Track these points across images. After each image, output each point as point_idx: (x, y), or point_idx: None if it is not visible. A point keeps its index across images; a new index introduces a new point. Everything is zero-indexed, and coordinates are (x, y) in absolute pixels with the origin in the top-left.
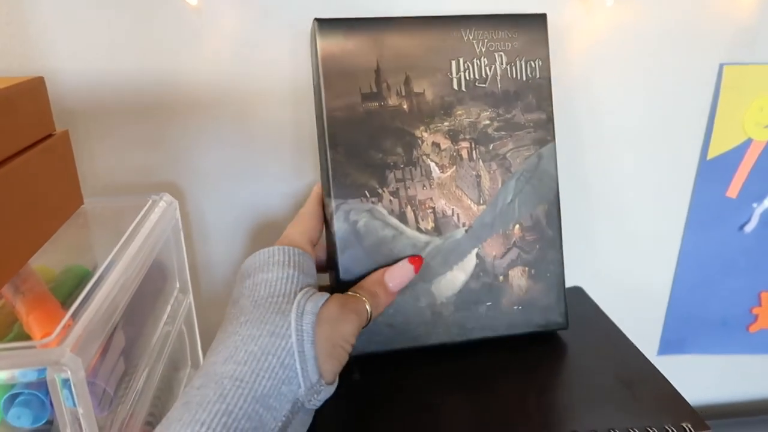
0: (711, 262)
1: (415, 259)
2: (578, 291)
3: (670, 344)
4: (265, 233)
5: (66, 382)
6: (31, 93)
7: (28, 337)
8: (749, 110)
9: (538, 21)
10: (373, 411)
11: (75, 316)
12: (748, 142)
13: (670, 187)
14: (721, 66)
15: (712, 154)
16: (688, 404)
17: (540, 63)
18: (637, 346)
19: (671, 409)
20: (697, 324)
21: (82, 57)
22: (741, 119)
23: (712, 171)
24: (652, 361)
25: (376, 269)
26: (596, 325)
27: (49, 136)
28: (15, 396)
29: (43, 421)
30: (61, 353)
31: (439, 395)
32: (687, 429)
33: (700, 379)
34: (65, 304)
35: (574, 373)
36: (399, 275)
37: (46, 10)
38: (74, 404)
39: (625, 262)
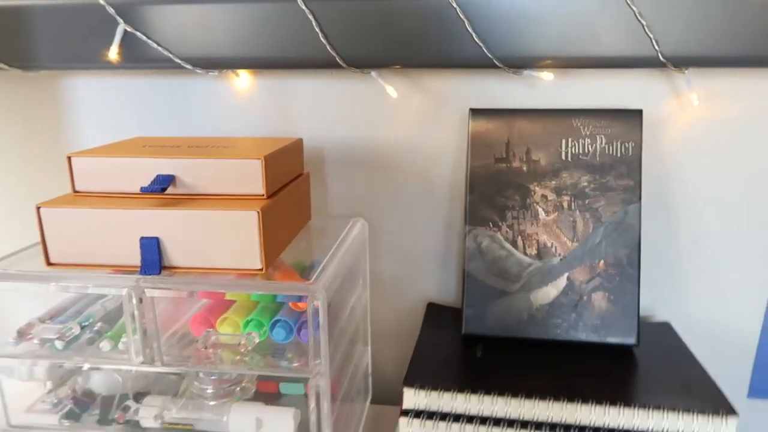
0: None
1: None
2: (666, 326)
3: (760, 388)
4: (420, 251)
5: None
6: (296, 148)
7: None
8: None
9: (635, 115)
10: (481, 375)
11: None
12: None
13: (756, 241)
14: None
15: None
16: None
17: (633, 144)
18: (727, 385)
19: None
20: None
21: (317, 125)
22: None
23: None
24: (743, 403)
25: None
26: (678, 355)
27: (300, 175)
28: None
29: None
30: (317, 288)
31: (528, 376)
32: None
33: None
34: None
35: (646, 385)
36: None
37: (300, 94)
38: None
39: (713, 305)
